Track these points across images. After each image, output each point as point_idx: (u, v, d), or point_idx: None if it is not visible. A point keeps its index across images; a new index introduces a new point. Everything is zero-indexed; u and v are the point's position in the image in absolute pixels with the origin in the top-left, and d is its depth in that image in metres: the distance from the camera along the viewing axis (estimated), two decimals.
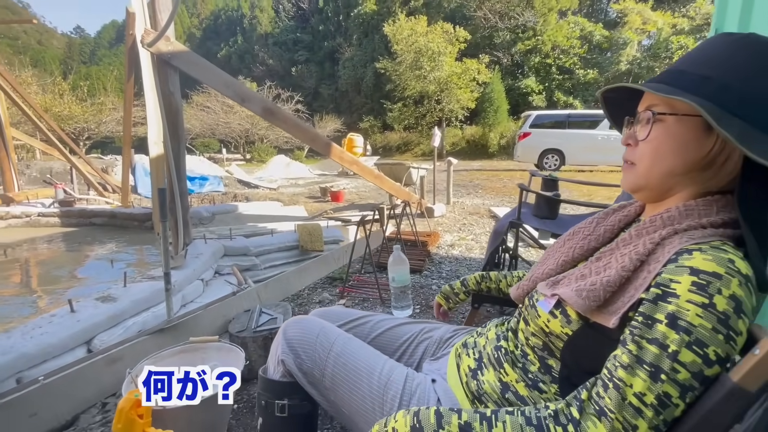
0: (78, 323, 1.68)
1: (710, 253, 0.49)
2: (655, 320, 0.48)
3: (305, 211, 5.60)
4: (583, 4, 22.94)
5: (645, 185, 0.61)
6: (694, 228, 0.55)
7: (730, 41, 0.54)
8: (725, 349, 0.46)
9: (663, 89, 0.54)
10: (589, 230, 0.72)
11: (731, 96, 0.51)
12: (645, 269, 0.54)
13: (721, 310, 0.46)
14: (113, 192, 6.68)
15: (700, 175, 0.57)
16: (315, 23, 35.90)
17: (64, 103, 17.45)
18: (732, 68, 0.52)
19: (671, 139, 0.56)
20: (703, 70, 0.54)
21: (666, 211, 0.58)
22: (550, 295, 0.63)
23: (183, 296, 2.28)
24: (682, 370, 0.46)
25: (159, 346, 1.47)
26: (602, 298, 0.55)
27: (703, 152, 0.55)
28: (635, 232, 0.60)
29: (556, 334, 0.61)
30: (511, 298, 0.78)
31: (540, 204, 1.99)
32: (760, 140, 0.50)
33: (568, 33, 18.91)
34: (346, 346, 0.83)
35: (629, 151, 0.63)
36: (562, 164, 10.08)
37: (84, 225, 5.05)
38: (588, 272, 0.61)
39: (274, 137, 21.81)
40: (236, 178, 9.94)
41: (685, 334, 0.46)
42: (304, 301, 2.35)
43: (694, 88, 0.53)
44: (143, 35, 2.48)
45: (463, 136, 19.20)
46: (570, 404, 0.53)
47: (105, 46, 56.01)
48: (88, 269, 3.40)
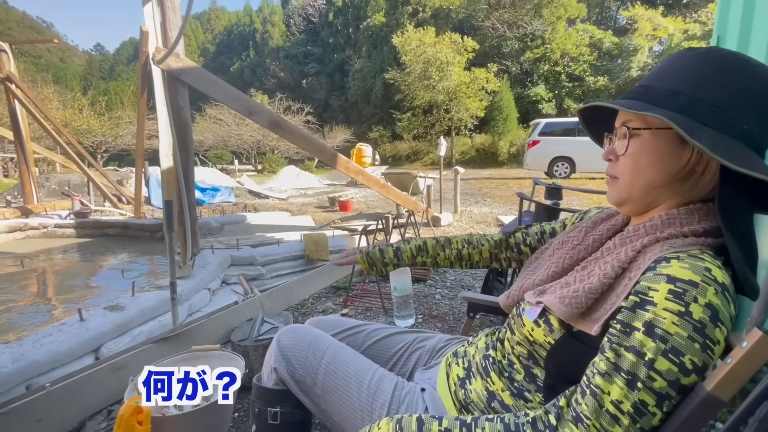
0: (87, 332, 1.73)
1: (687, 261, 0.49)
2: (633, 328, 0.49)
3: (312, 221, 5.65)
4: (592, 12, 22.91)
5: (628, 198, 0.62)
6: (676, 236, 0.55)
7: (695, 56, 0.56)
8: (702, 357, 0.46)
9: (635, 106, 0.55)
10: (578, 240, 0.73)
11: (701, 108, 0.52)
12: (626, 276, 0.55)
13: (697, 319, 0.46)
14: (127, 203, 6.86)
15: (680, 186, 0.57)
16: (325, 36, 36.59)
17: (83, 118, 18.07)
18: (699, 82, 0.54)
19: (649, 153, 0.57)
20: (671, 84, 0.55)
21: (649, 220, 0.59)
22: (536, 303, 0.63)
23: (190, 305, 2.32)
24: (659, 378, 0.46)
25: (163, 354, 1.50)
26: (585, 306, 0.56)
27: (681, 163, 0.56)
28: (619, 241, 0.61)
29: (540, 342, 0.62)
30: (501, 306, 0.78)
31: (540, 213, 1.98)
32: (733, 148, 0.50)
33: (577, 41, 18.88)
34: (337, 355, 0.84)
35: (611, 166, 0.64)
36: (573, 172, 9.98)
37: (98, 236, 5.19)
38: (573, 280, 0.62)
39: (284, 148, 22.11)
40: (247, 189, 10.10)
41: (661, 342, 0.46)
42: (308, 310, 2.36)
43: (665, 102, 0.54)
44: (155, 52, 2.58)
45: (473, 144, 19.19)
46: (548, 411, 0.54)
47: (123, 62, 57.96)
48: (100, 279, 3.48)
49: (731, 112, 0.52)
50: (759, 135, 0.52)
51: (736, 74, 0.53)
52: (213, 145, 22.27)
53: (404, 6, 24.65)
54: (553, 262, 0.72)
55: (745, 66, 0.53)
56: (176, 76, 2.59)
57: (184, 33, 2.60)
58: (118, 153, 21.75)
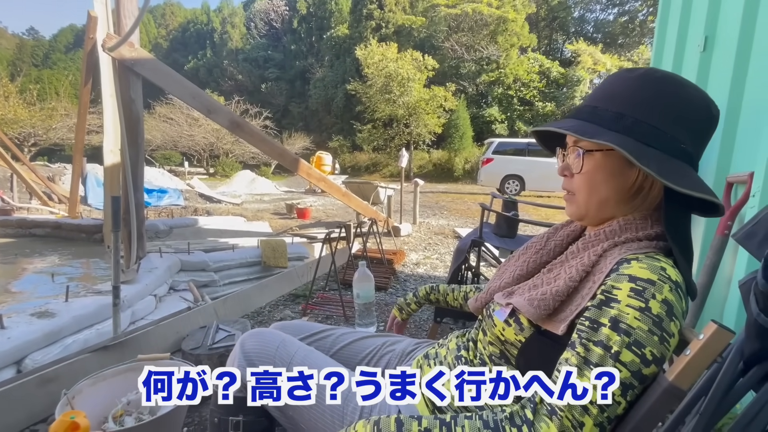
0: (8, 341, 1.53)
1: (645, 262, 0.55)
2: (600, 324, 0.53)
3: (270, 227, 5.47)
4: (542, 43, 24.73)
5: (585, 214, 0.66)
6: (632, 240, 0.61)
7: (634, 78, 0.61)
8: (660, 349, 0.50)
9: (588, 131, 0.59)
10: (541, 245, 0.77)
11: (644, 130, 0.58)
12: (590, 280, 0.59)
13: (655, 313, 0.51)
14: (59, 202, 6.22)
15: (632, 201, 0.63)
16: (287, 42, 36.13)
17: (9, 106, 16.25)
18: (641, 104, 0.59)
19: (602, 171, 0.62)
20: (617, 107, 0.60)
21: (608, 225, 0.64)
22: (505, 305, 0.66)
23: (133, 312, 2.13)
24: (623, 369, 0.50)
25: (102, 364, 1.35)
26: (552, 307, 0.59)
27: (631, 181, 0.61)
28: (582, 245, 0.66)
29: (511, 341, 0.64)
30: (470, 309, 0.81)
31: (500, 223, 2.07)
32: (675, 168, 0.56)
33: (528, 68, 20.21)
34: (306, 359, 0.81)
35: (566, 181, 0.67)
36: (522, 189, 10.57)
37: (23, 236, 4.65)
38: (540, 283, 0.65)
39: (240, 152, 21.32)
40: (198, 192, 9.58)
41: (625, 335, 0.50)
42: (265, 318, 2.27)
43: (611, 123, 0.59)
44: (105, 39, 2.40)
45: (430, 159, 19.71)
46: (524, 406, 0.56)
47: (60, 50, 53.10)
48: (24, 283, 3.11)
49: (670, 133, 0.57)
50: (693, 150, 0.59)
51: (673, 97, 0.58)
52: (161, 145, 20.93)
53: (368, 21, 25.05)
54: (518, 265, 0.76)
55: (680, 88, 0.59)
56: (129, 67, 2.43)
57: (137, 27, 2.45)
58: (48, 147, 19.71)
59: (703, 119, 0.60)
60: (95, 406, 1.12)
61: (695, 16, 1.68)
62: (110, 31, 2.54)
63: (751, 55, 1.28)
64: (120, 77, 2.44)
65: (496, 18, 20.57)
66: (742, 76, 1.32)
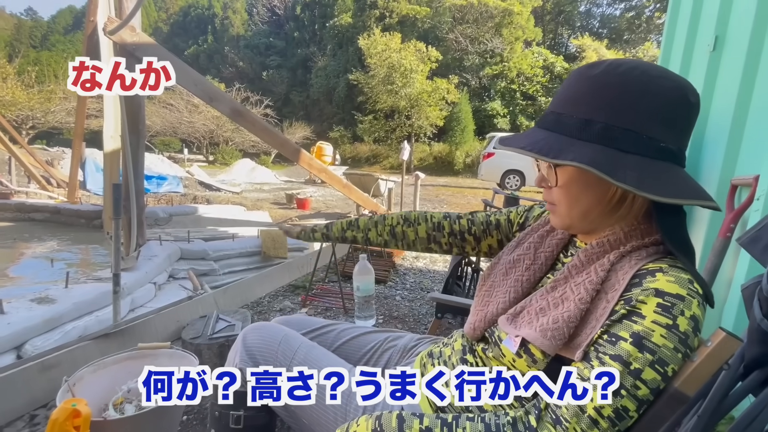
0: (8, 326, 1.53)
1: (672, 274, 0.51)
2: (620, 338, 0.50)
3: (269, 217, 5.46)
4: (546, 37, 24.48)
5: (571, 225, 0.63)
6: (639, 248, 0.57)
7: (597, 76, 0.55)
8: (680, 365, 0.49)
9: (553, 148, 0.54)
10: (531, 259, 0.71)
11: (615, 135, 0.52)
12: (603, 298, 0.55)
13: (683, 331, 0.48)
14: (58, 186, 6.19)
15: (617, 211, 0.58)
16: (290, 30, 35.66)
17: (7, 88, 16.02)
18: (608, 106, 0.53)
19: (578, 183, 0.58)
20: (582, 112, 0.54)
21: (611, 234, 0.59)
22: (515, 336, 0.60)
23: (132, 300, 2.14)
24: (643, 387, 0.48)
25: (103, 352, 1.36)
26: (566, 336, 0.55)
27: (611, 191, 0.57)
28: (585, 257, 0.60)
29: (523, 373, 0.60)
30: (468, 337, 0.73)
31: None
32: (657, 173, 0.51)
33: (532, 62, 20.04)
34: (309, 354, 0.82)
35: (546, 192, 0.63)
36: (523, 185, 10.56)
37: (21, 220, 4.64)
38: (546, 305, 0.60)
39: (240, 140, 21.16)
40: (197, 180, 9.54)
41: (649, 354, 0.48)
42: (264, 308, 2.27)
43: (578, 133, 0.54)
44: (106, 23, 2.36)
45: (431, 152, 19.62)
46: (529, 412, 0.55)
47: (60, 32, 52.32)
48: (23, 268, 3.10)
49: (646, 134, 0.52)
50: (675, 146, 0.54)
51: (641, 92, 0.52)
52: (161, 131, 20.75)
53: (372, 9, 24.71)
54: (510, 286, 0.70)
55: (649, 80, 0.52)
56: (130, 52, 2.39)
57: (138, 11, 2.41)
58: (47, 131, 19.51)
59: (681, 111, 0.54)
60: (96, 394, 1.12)
61: (706, 15, 1.65)
62: (111, 14, 2.50)
63: (761, 55, 1.27)
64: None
65: (501, 10, 20.30)
66: (752, 77, 1.30)
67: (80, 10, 45.74)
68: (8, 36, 48.20)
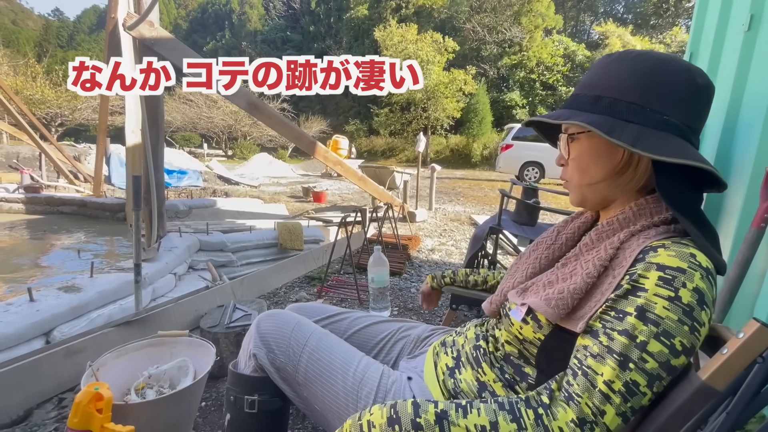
0: (37, 313, 1.59)
1: (674, 249, 0.52)
2: (625, 313, 0.51)
3: (286, 210, 5.52)
4: (568, 24, 23.76)
5: (582, 198, 0.67)
6: (648, 227, 0.58)
7: (609, 61, 0.62)
8: (690, 339, 0.48)
9: (563, 115, 0.61)
10: (552, 239, 0.74)
11: (621, 107, 0.58)
12: (610, 274, 0.57)
13: (686, 303, 0.49)
14: (85, 181, 6.42)
15: (619, 178, 0.62)
16: (305, 24, 35.75)
17: (37, 87, 16.66)
18: (618, 85, 0.59)
19: (588, 153, 0.63)
20: (594, 90, 0.61)
21: (621, 213, 0.62)
22: (521, 304, 0.64)
23: (154, 290, 2.20)
24: (650, 359, 0.48)
25: (125, 339, 1.40)
26: (570, 306, 0.57)
27: (618, 158, 0.61)
28: (596, 236, 0.63)
29: (530, 340, 0.63)
30: (486, 313, 0.77)
31: (520, 210, 2.02)
32: (656, 139, 0.55)
33: (553, 51, 19.49)
34: (321, 342, 0.82)
35: (563, 170, 0.68)
36: (542, 177, 10.32)
37: (51, 213, 4.83)
38: (555, 278, 0.63)
39: (257, 134, 21.46)
40: (216, 174, 9.73)
41: (653, 325, 0.49)
42: (281, 299, 2.30)
43: (590, 107, 0.60)
44: (126, 18, 2.40)
45: (447, 144, 19.42)
46: (540, 393, 0.55)
47: (84, 31, 54.01)
48: (52, 258, 3.24)
49: (649, 107, 0.56)
50: (683, 123, 0.57)
51: (650, 72, 0.57)
52: (181, 126, 21.25)
53: (388, 1, 24.50)
54: (530, 263, 0.73)
55: (657, 63, 0.57)
56: (149, 47, 2.43)
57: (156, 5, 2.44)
58: (74, 128, 20.27)
59: (686, 89, 0.57)
60: (118, 378, 1.16)
61: None
62: (130, 9, 2.54)
63: None
64: (140, 57, 2.45)
65: None
66: None
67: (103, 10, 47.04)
68: (37, 36, 50.02)
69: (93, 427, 0.93)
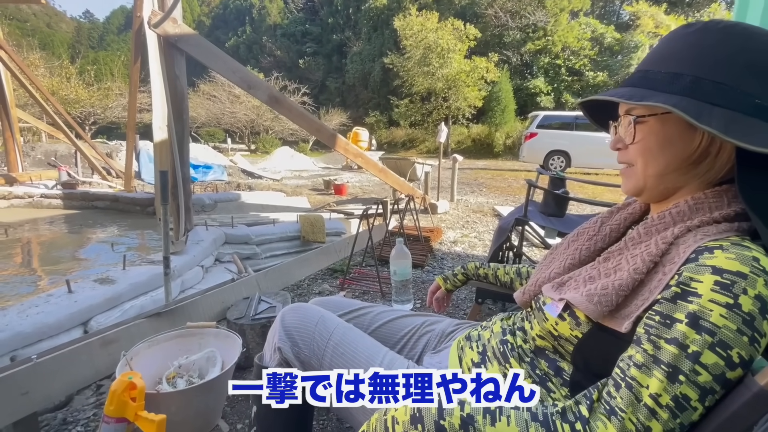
0: (75, 304, 1.67)
1: (733, 251, 0.46)
2: (675, 320, 0.46)
3: (308, 203, 5.58)
4: (596, 5, 22.69)
5: (644, 187, 0.59)
6: (707, 223, 0.52)
7: (692, 33, 0.52)
8: (749, 351, 0.43)
9: (636, 95, 0.53)
10: (594, 230, 0.69)
11: (706, 87, 0.49)
12: (659, 271, 0.51)
13: (746, 311, 0.43)
14: (116, 177, 6.68)
15: (695, 169, 0.54)
16: (324, 15, 35.69)
17: (71, 87, 17.44)
18: (700, 60, 0.51)
19: (657, 138, 0.55)
20: (672, 66, 0.52)
21: (675, 206, 0.56)
22: (558, 299, 0.60)
23: (182, 282, 2.26)
24: (704, 372, 0.43)
25: (156, 329, 1.45)
26: (614, 303, 0.52)
27: (693, 146, 0.53)
28: (644, 230, 0.58)
29: (566, 337, 0.59)
30: (517, 303, 0.74)
31: (548, 201, 1.95)
32: (748, 126, 0.47)
33: (579, 34, 18.70)
34: (345, 336, 0.81)
35: (621, 154, 0.61)
36: (568, 166, 9.99)
37: (86, 208, 5.06)
38: (597, 274, 0.58)
39: (279, 129, 21.74)
40: (240, 168, 9.93)
41: (708, 335, 0.44)
42: (304, 291, 2.33)
43: (666, 86, 0.52)
44: (150, 16, 2.45)
45: (469, 134, 19.06)
46: (579, 402, 0.51)
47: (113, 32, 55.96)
48: (88, 251, 3.39)
49: (740, 88, 0.48)
50: None
51: (740, 46, 0.49)
52: (205, 122, 21.78)
53: None
54: (569, 254, 0.68)
55: (749, 37, 0.49)
56: (173, 43, 2.47)
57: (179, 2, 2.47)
58: (106, 126, 21.12)
59: None
60: (150, 368, 1.20)
61: None
62: (155, 7, 2.59)
63: None
64: (165, 54, 2.49)
65: None
66: None
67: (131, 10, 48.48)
68: (70, 38, 52.17)
69: (128, 414, 0.97)
